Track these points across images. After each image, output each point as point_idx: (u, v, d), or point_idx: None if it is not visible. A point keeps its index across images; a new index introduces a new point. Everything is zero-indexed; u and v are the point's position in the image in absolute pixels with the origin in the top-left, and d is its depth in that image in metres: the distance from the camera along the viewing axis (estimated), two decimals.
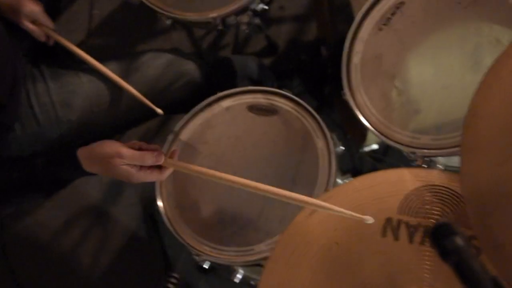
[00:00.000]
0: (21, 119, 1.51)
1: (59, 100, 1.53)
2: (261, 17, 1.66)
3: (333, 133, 1.39)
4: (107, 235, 2.29)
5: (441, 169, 1.24)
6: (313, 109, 1.40)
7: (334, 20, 1.99)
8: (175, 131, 1.48)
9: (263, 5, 1.59)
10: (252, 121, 1.45)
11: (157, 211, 1.41)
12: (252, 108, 1.46)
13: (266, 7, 1.61)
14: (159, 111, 1.50)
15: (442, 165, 1.27)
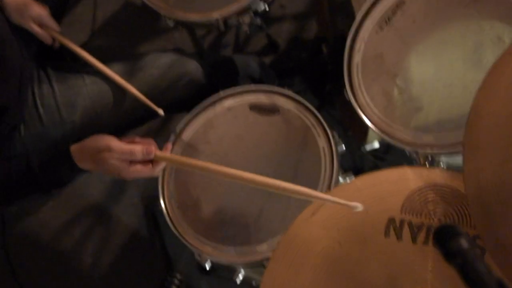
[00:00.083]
0: (25, 120, 1.52)
1: (63, 101, 1.54)
2: (262, 16, 1.66)
3: (334, 131, 1.39)
4: (109, 235, 2.28)
5: (444, 168, 1.24)
6: (314, 108, 1.40)
7: (334, 18, 1.99)
8: (177, 131, 1.48)
9: (265, 5, 1.59)
10: (254, 121, 1.45)
11: (159, 211, 1.42)
12: (254, 107, 1.46)
13: (267, 7, 1.60)
14: (160, 112, 1.50)
15: (444, 163, 1.27)
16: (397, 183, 1.06)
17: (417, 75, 1.27)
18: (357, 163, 1.96)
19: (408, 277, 0.97)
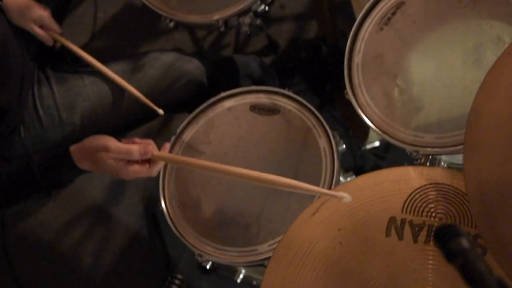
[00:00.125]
0: (25, 122, 1.52)
1: (63, 103, 1.54)
2: (262, 17, 1.66)
3: (335, 131, 1.39)
4: (109, 235, 2.28)
5: (445, 167, 1.24)
6: (315, 108, 1.40)
7: (334, 18, 2.00)
8: (177, 131, 1.48)
9: (264, 6, 1.59)
10: (254, 121, 1.45)
11: (159, 211, 1.42)
12: (254, 108, 1.46)
13: (267, 8, 1.61)
14: (160, 112, 1.51)
15: (445, 162, 1.27)
16: (398, 182, 1.05)
17: (417, 75, 1.27)
18: (358, 162, 1.97)
19: (409, 276, 0.96)
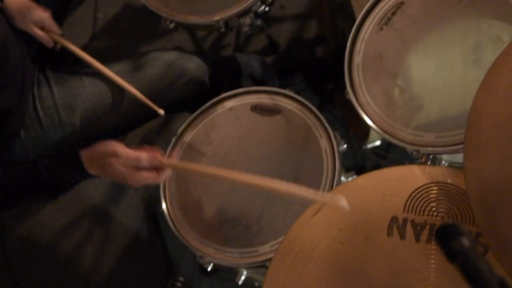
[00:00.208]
0: (25, 123, 1.53)
1: (62, 104, 1.55)
2: (262, 17, 1.66)
3: (336, 131, 1.39)
4: (109, 237, 2.27)
5: (446, 166, 1.24)
6: (316, 108, 1.41)
7: (334, 18, 2.00)
8: (178, 132, 1.48)
9: (265, 7, 1.59)
10: (255, 121, 1.46)
11: (160, 212, 1.42)
12: (255, 108, 1.47)
13: (267, 9, 1.61)
14: (160, 112, 1.51)
15: (446, 161, 1.27)
16: (400, 182, 1.05)
17: (417, 74, 1.27)
18: (359, 161, 1.97)
19: (411, 275, 0.96)
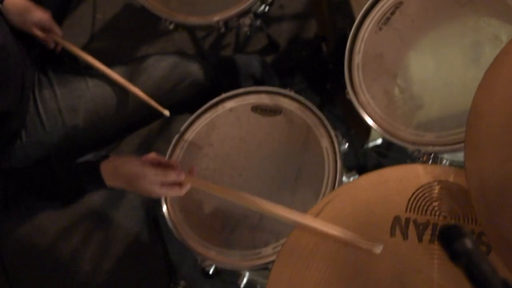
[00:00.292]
0: (27, 126, 1.53)
1: (65, 105, 1.55)
2: (262, 17, 1.67)
3: (337, 131, 1.39)
4: (109, 240, 2.25)
5: (447, 165, 1.24)
6: (316, 107, 1.41)
7: (333, 17, 2.00)
8: (180, 132, 1.49)
9: (264, 7, 1.60)
10: (256, 122, 1.46)
11: (161, 215, 1.42)
12: (256, 108, 1.47)
13: (267, 9, 1.61)
14: (166, 113, 1.52)
15: (447, 160, 1.27)
16: (402, 181, 1.05)
17: (417, 74, 1.28)
18: (361, 160, 1.97)
19: (414, 276, 0.96)
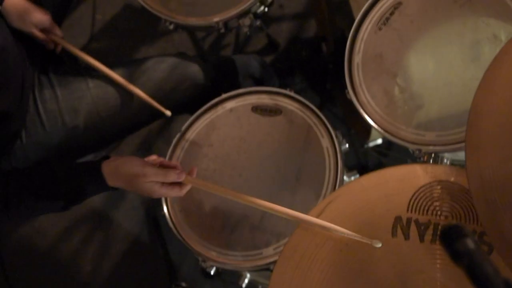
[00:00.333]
0: (27, 127, 1.53)
1: (66, 106, 1.55)
2: (261, 17, 1.67)
3: (337, 131, 1.40)
4: (109, 240, 2.26)
5: (448, 165, 1.24)
6: (316, 107, 1.41)
7: (332, 17, 2.00)
8: (181, 131, 1.49)
9: (264, 8, 1.60)
10: (256, 122, 1.46)
11: (161, 215, 1.42)
12: (256, 108, 1.47)
13: (266, 9, 1.61)
14: (167, 113, 1.52)
15: (448, 159, 1.27)
16: (403, 181, 1.05)
17: (417, 74, 1.28)
18: (361, 160, 1.97)
19: (417, 276, 0.97)
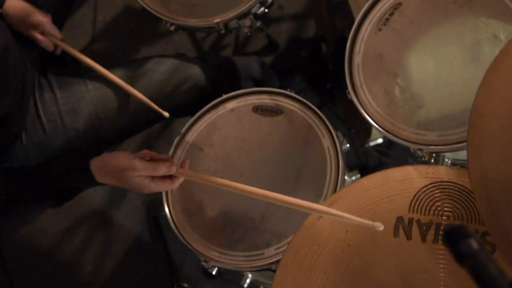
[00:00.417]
0: (27, 128, 1.53)
1: (66, 108, 1.55)
2: (261, 17, 1.67)
3: (338, 131, 1.40)
4: (110, 241, 2.26)
5: (450, 165, 1.25)
6: (317, 107, 1.41)
7: (332, 17, 2.00)
8: (181, 134, 1.49)
9: (264, 8, 1.60)
10: (257, 122, 1.46)
11: (162, 215, 1.41)
12: (257, 109, 1.47)
13: (266, 10, 1.61)
14: (165, 114, 1.52)
15: (449, 159, 1.28)
16: (404, 182, 1.05)
17: (417, 74, 1.28)
18: (362, 160, 1.97)
19: (420, 276, 0.97)
